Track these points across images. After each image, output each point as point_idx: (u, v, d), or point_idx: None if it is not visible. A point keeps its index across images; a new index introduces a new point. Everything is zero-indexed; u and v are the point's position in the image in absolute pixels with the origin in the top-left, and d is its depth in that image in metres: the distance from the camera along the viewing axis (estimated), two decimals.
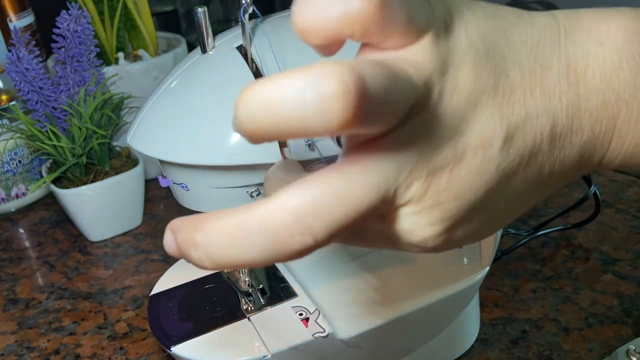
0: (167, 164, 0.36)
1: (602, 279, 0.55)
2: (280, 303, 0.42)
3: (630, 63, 0.24)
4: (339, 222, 0.20)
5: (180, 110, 0.35)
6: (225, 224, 0.20)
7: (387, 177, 0.21)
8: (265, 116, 0.18)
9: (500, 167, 0.22)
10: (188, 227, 0.20)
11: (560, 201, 0.67)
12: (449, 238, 0.23)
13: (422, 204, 0.22)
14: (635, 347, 0.40)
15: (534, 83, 0.23)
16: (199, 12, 0.35)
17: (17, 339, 0.54)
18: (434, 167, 0.21)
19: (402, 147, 0.21)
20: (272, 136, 0.19)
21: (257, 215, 0.19)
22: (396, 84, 0.19)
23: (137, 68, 0.72)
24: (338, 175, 0.20)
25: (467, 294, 0.45)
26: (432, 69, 0.21)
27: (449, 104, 0.21)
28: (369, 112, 0.18)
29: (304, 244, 0.19)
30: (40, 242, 0.68)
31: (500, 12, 0.24)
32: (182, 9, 1.01)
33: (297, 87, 0.18)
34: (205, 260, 0.20)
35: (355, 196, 0.20)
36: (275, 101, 0.18)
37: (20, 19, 0.73)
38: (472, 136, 0.22)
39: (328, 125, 0.18)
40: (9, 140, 0.69)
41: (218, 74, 0.35)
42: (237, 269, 0.21)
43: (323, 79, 0.18)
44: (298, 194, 0.19)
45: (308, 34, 0.20)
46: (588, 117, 0.24)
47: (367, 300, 0.43)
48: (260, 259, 0.20)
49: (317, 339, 0.39)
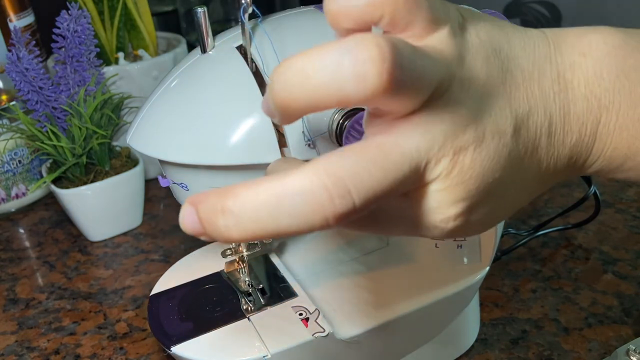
0: (167, 164, 0.36)
1: (602, 279, 0.55)
2: (280, 303, 0.42)
3: (610, 73, 0.26)
4: (377, 188, 0.20)
5: (180, 110, 0.35)
6: (260, 189, 0.20)
7: (420, 149, 0.22)
8: (303, 84, 0.19)
9: (511, 155, 0.24)
10: (214, 197, 0.20)
11: (560, 201, 0.67)
12: (467, 220, 0.24)
13: (448, 181, 0.23)
14: (635, 347, 0.40)
15: (533, 83, 0.25)
16: (199, 12, 0.35)
17: (17, 339, 0.54)
18: (460, 146, 0.23)
19: (431, 124, 0.22)
20: (307, 107, 0.20)
21: (295, 179, 0.20)
22: (424, 60, 0.21)
23: (137, 68, 0.72)
24: (375, 144, 0.21)
25: (467, 294, 0.45)
26: (451, 57, 0.23)
27: (469, 90, 0.23)
28: (402, 80, 0.20)
29: (345, 207, 0.20)
30: (40, 242, 0.68)
31: (502, 23, 0.27)
32: (182, 9, 1.01)
33: (334, 54, 0.19)
34: (233, 228, 0.20)
35: (392, 163, 0.21)
36: (313, 69, 0.19)
37: (20, 19, 0.73)
38: (489, 123, 0.24)
39: (365, 89, 0.19)
40: (9, 140, 0.69)
41: (218, 74, 0.35)
42: (263, 239, 0.21)
43: (361, 45, 0.19)
44: (338, 159, 0.20)
45: (340, 16, 0.22)
46: (576, 120, 0.26)
47: (367, 300, 0.43)
48: (295, 225, 0.20)
49: (317, 339, 0.39)
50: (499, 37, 0.25)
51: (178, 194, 0.39)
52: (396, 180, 0.21)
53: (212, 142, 0.33)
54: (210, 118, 0.34)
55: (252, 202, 0.20)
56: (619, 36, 0.27)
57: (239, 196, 0.20)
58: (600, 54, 0.27)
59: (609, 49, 0.27)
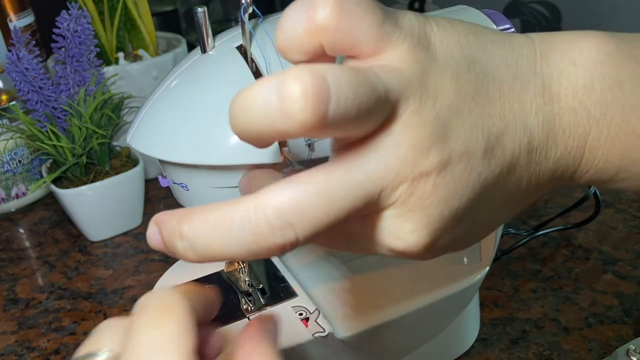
0: (167, 164, 0.36)
1: (602, 279, 0.55)
2: (280, 303, 0.42)
3: (602, 83, 0.25)
4: (321, 221, 0.20)
5: (180, 110, 0.35)
6: (210, 216, 0.20)
7: (372, 178, 0.21)
8: (244, 117, 0.20)
9: (482, 177, 0.23)
10: (174, 220, 0.21)
11: (560, 201, 0.67)
12: (432, 245, 0.23)
13: (407, 207, 0.22)
14: (635, 347, 0.40)
15: (513, 98, 0.24)
16: (199, 12, 0.35)
17: (17, 339, 0.54)
18: (421, 171, 0.22)
19: (387, 148, 0.21)
20: (252, 137, 0.20)
21: (240, 209, 0.20)
22: (365, 86, 0.20)
23: (137, 68, 0.72)
24: (323, 174, 0.21)
25: (467, 294, 0.45)
26: (411, 74, 0.22)
27: (433, 110, 0.22)
28: (334, 113, 0.19)
29: (286, 239, 0.20)
30: (40, 242, 0.68)
31: (481, 30, 0.25)
32: (182, 9, 1.01)
33: (266, 90, 0.19)
34: (190, 251, 0.21)
35: (338, 196, 0.20)
36: (250, 103, 0.19)
37: (20, 19, 0.73)
38: (456, 144, 0.22)
39: (292, 125, 0.19)
40: (9, 140, 0.69)
41: (218, 74, 0.35)
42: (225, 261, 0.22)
43: (286, 82, 0.19)
44: (282, 190, 0.20)
45: (287, 51, 0.22)
46: (562, 134, 0.25)
47: (367, 300, 0.43)
48: (242, 252, 0.20)
49: (317, 339, 0.39)
50: (475, 49, 0.24)
51: (178, 194, 0.39)
52: (343, 212, 0.21)
53: (212, 142, 0.33)
54: (211, 118, 0.34)
55: (204, 228, 0.20)
56: (612, 42, 0.26)
57: (192, 222, 0.21)
58: (592, 63, 0.25)
59: (601, 57, 0.25)
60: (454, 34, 0.24)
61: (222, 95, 0.34)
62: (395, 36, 0.22)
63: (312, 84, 0.18)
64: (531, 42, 0.26)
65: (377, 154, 0.21)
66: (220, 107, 0.34)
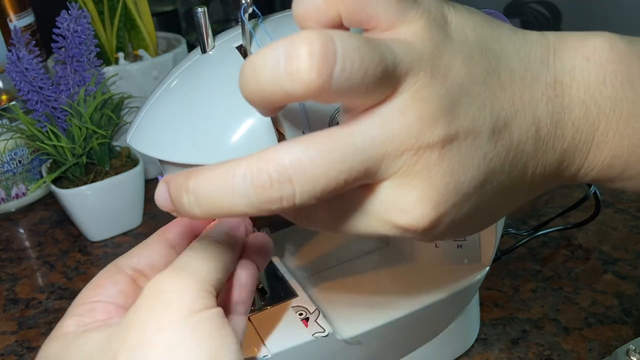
0: (167, 164, 0.36)
1: (602, 279, 0.55)
2: (280, 303, 0.42)
3: (613, 80, 0.26)
4: (320, 180, 0.21)
5: (180, 110, 0.35)
6: (215, 171, 0.21)
7: (375, 143, 0.21)
8: (253, 77, 0.20)
9: (487, 157, 0.24)
10: (181, 177, 0.22)
11: (560, 201, 0.67)
12: (438, 221, 0.23)
13: (411, 176, 0.22)
14: (635, 347, 0.40)
15: (523, 87, 0.25)
16: (199, 12, 0.35)
17: (17, 339, 0.54)
18: (427, 142, 0.22)
19: (392, 117, 0.22)
20: (261, 99, 0.21)
21: (244, 163, 0.21)
22: (373, 53, 0.20)
23: (137, 68, 0.72)
24: (327, 136, 0.21)
25: (467, 294, 0.45)
26: (423, 49, 0.22)
27: (443, 86, 0.22)
28: (340, 76, 0.19)
29: (283, 193, 0.21)
30: (40, 242, 0.68)
31: (496, 22, 0.26)
32: (182, 9, 1.01)
33: (276, 51, 0.20)
34: (195, 205, 0.22)
35: (339, 157, 0.21)
36: (260, 63, 0.20)
37: (20, 19, 0.73)
38: (465, 122, 0.23)
39: (298, 86, 0.19)
40: (9, 140, 0.69)
41: (218, 74, 0.35)
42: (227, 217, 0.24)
43: (295, 43, 0.19)
44: (285, 148, 0.21)
45: (304, 19, 0.22)
46: (570, 126, 0.26)
47: (367, 300, 0.43)
48: (244, 205, 0.21)
49: (317, 339, 0.39)
50: (490, 38, 0.25)
51: None
52: (343, 172, 0.21)
53: (212, 142, 0.33)
54: (211, 118, 0.34)
55: (208, 182, 0.21)
56: (623, 43, 0.26)
57: (198, 177, 0.22)
58: (604, 60, 0.26)
59: (614, 55, 0.26)
60: (470, 20, 0.24)
61: (222, 95, 0.34)
62: (413, 12, 0.23)
63: (320, 45, 0.19)
64: (545, 38, 0.26)
65: (381, 121, 0.22)
66: (220, 107, 0.34)
